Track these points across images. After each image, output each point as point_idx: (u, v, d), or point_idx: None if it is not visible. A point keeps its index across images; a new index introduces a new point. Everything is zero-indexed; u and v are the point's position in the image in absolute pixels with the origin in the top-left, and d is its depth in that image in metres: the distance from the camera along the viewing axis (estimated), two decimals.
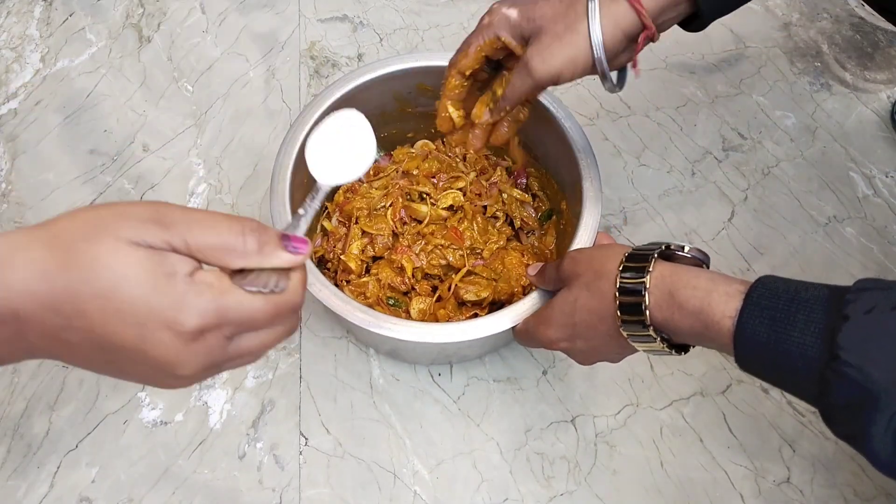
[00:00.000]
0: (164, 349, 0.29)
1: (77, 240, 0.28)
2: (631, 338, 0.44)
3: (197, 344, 0.29)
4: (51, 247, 0.28)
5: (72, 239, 0.28)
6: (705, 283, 0.40)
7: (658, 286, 0.42)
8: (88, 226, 0.29)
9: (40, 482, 0.58)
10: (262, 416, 0.61)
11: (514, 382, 0.63)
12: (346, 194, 0.67)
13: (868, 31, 0.82)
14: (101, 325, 0.28)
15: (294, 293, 0.32)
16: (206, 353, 0.30)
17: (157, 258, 0.29)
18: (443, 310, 0.60)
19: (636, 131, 0.78)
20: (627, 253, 0.45)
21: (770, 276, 0.39)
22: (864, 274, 0.68)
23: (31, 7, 0.87)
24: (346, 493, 0.58)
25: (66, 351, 0.30)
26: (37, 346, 0.30)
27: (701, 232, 0.71)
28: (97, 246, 0.28)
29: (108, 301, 0.28)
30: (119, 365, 0.30)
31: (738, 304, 0.38)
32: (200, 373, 0.31)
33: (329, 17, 0.87)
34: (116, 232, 0.28)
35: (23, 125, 0.78)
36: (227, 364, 0.32)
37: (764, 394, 0.62)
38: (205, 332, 0.29)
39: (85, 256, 0.28)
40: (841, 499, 0.58)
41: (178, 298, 0.28)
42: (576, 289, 0.47)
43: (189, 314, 0.28)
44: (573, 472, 0.59)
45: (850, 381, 0.33)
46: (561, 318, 0.48)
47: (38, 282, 0.28)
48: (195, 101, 0.80)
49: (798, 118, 0.79)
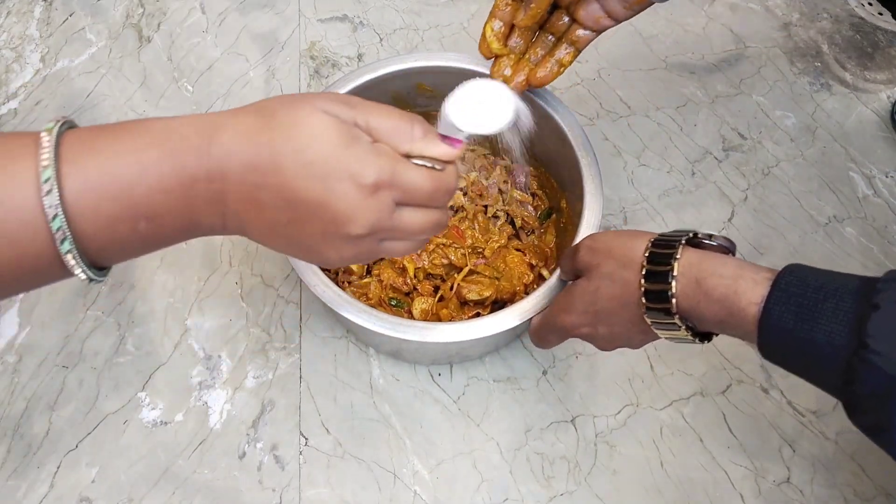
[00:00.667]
0: (344, 200, 0.33)
1: (279, 107, 0.33)
2: (654, 325, 0.43)
3: (372, 199, 0.33)
4: (257, 114, 0.34)
5: (275, 107, 0.34)
6: (732, 270, 0.40)
7: (685, 274, 0.41)
8: (289, 98, 0.34)
9: (40, 482, 0.58)
10: (262, 416, 0.61)
11: (514, 382, 0.63)
12: None
13: (868, 31, 0.82)
14: (292, 178, 0.32)
15: (450, 175, 0.37)
16: (377, 211, 0.34)
17: (346, 126, 0.33)
18: (445, 309, 0.60)
19: (636, 131, 0.78)
20: (653, 239, 0.44)
21: (798, 265, 0.39)
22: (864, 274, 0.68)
23: (31, 7, 0.87)
24: (346, 493, 0.58)
25: (255, 213, 0.34)
26: (231, 210, 0.34)
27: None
28: (297, 110, 0.33)
29: (302, 154, 0.32)
30: (299, 225, 0.34)
31: (764, 292, 0.38)
32: (368, 236, 0.34)
33: (329, 17, 0.87)
34: (313, 102, 0.33)
35: (23, 125, 0.78)
36: (390, 234, 0.36)
37: (764, 394, 0.62)
38: (380, 188, 0.33)
39: (286, 118, 0.33)
40: (841, 499, 0.58)
41: (362, 156, 0.33)
42: (596, 278, 0.46)
43: (370, 168, 0.33)
44: (573, 472, 0.59)
45: (877, 370, 0.33)
46: (581, 305, 0.47)
47: (243, 142, 0.32)
48: (195, 101, 0.80)
49: (798, 118, 0.79)
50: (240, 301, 0.66)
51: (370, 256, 0.37)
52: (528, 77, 0.56)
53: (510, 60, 0.56)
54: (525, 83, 0.56)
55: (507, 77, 0.56)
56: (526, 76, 0.56)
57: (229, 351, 0.64)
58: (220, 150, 0.32)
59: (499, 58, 0.56)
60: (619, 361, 0.64)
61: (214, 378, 0.63)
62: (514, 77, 0.56)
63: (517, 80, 0.56)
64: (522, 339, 0.65)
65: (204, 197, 0.33)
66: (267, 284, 0.67)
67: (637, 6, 0.51)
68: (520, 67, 0.56)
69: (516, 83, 0.56)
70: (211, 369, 0.63)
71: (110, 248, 0.33)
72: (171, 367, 0.63)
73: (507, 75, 0.56)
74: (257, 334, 0.65)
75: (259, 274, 0.68)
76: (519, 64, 0.56)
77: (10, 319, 0.65)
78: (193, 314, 0.66)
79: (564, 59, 0.54)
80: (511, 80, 0.56)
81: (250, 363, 0.63)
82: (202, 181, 0.32)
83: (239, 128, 0.33)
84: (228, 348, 0.64)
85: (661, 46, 0.84)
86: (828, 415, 0.62)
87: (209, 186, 0.33)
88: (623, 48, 0.84)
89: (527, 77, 0.56)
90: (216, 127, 0.33)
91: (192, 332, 0.65)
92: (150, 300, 0.66)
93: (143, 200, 0.32)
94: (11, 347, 0.64)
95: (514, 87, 0.55)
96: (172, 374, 0.63)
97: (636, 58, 0.83)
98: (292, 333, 0.65)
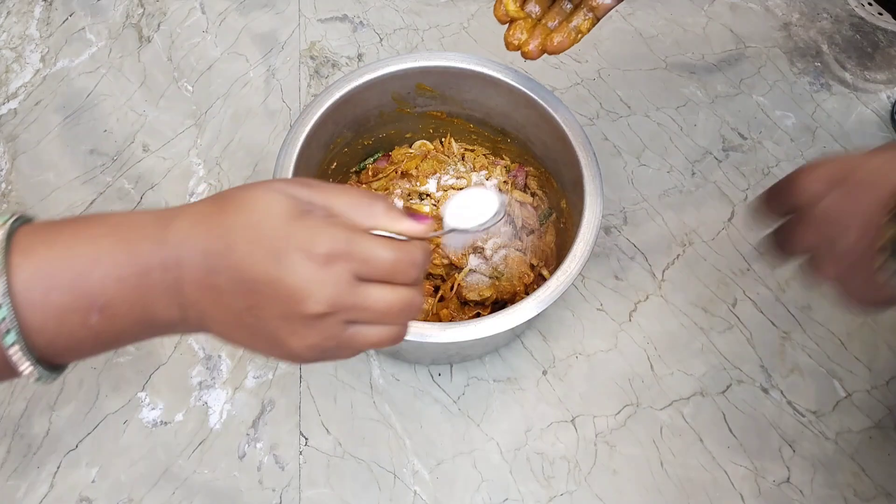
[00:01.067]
0: (296, 274, 0.31)
1: (236, 191, 0.33)
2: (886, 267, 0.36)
3: (326, 270, 0.31)
4: (213, 200, 0.33)
5: (232, 192, 0.33)
6: None
7: None
8: (247, 184, 0.34)
9: (40, 482, 0.58)
10: (262, 416, 0.61)
11: (514, 382, 0.63)
12: None
13: (868, 31, 0.82)
14: (244, 257, 0.31)
15: (416, 246, 0.35)
16: (333, 284, 0.32)
17: (299, 202, 0.32)
18: (445, 309, 0.60)
19: (636, 131, 0.78)
20: None
21: None
22: None
23: (31, 7, 0.87)
24: (346, 493, 0.58)
25: (212, 300, 0.32)
26: (189, 301, 0.33)
27: (701, 232, 0.71)
28: (251, 191, 0.33)
29: (252, 230, 0.31)
30: (257, 311, 0.32)
31: None
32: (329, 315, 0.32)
33: (329, 17, 0.87)
34: (270, 184, 0.33)
35: (23, 125, 0.78)
36: (354, 313, 0.33)
37: (764, 394, 0.62)
38: (334, 259, 0.31)
39: (239, 200, 0.33)
40: (841, 499, 0.58)
41: (313, 226, 0.32)
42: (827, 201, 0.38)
43: (322, 237, 0.31)
44: (573, 472, 0.59)
45: None
46: None
47: (198, 226, 0.32)
48: (195, 101, 0.80)
49: (798, 118, 0.79)
50: None
51: (339, 345, 0.34)
52: (543, 43, 0.53)
53: (526, 24, 0.53)
54: (540, 49, 0.53)
55: (521, 41, 0.53)
56: (541, 42, 0.53)
57: (229, 351, 0.64)
58: (176, 237, 0.32)
59: (514, 22, 0.53)
60: (619, 361, 0.64)
61: (214, 378, 0.63)
62: (529, 42, 0.53)
63: (532, 45, 0.53)
64: (522, 339, 0.65)
65: (160, 286, 0.32)
66: None
67: None
68: (535, 33, 0.53)
69: (531, 49, 0.53)
70: (211, 369, 0.63)
71: (60, 343, 0.31)
72: (171, 367, 0.63)
73: (522, 39, 0.53)
74: None
75: None
76: (535, 29, 0.53)
77: None
78: None
79: (582, 27, 0.52)
80: (526, 44, 0.53)
81: (250, 363, 0.63)
82: (157, 269, 0.32)
83: (195, 214, 0.33)
84: (228, 348, 0.64)
85: (661, 46, 0.84)
86: (828, 415, 0.62)
87: (165, 275, 0.32)
88: (623, 48, 0.84)
89: (542, 43, 0.53)
90: (173, 216, 0.33)
91: None
92: None
93: (96, 289, 0.31)
94: None
95: (528, 53, 0.53)
96: (172, 374, 0.63)
97: (636, 58, 0.83)
98: None
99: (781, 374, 0.63)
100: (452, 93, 0.65)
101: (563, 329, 0.65)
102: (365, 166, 0.70)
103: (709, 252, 0.70)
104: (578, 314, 0.66)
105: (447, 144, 0.70)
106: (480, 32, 0.85)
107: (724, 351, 0.64)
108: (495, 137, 0.69)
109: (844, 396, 0.63)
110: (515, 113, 0.64)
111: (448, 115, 0.68)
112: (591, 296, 0.67)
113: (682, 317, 0.66)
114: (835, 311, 0.67)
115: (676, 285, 0.68)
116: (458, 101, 0.66)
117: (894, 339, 0.65)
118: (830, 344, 0.65)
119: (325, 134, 0.61)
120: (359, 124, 0.65)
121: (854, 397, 0.62)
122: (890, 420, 0.61)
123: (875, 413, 0.62)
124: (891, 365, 0.64)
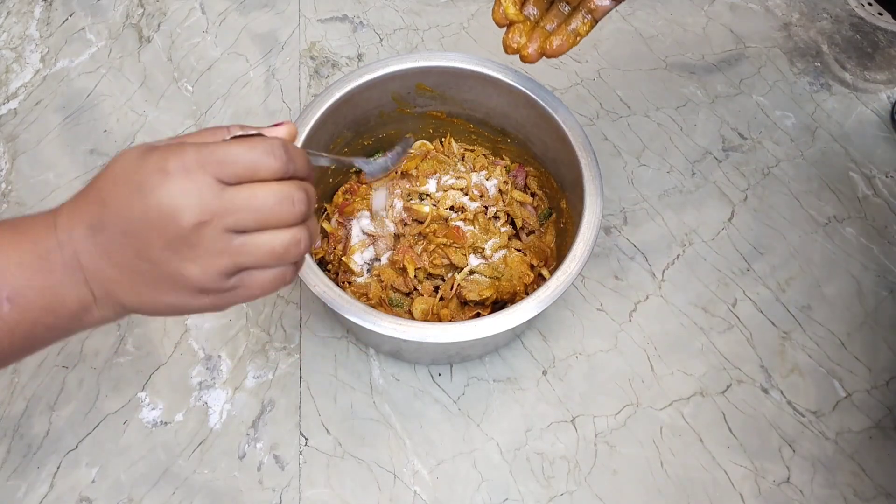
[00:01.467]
0: (158, 195, 0.31)
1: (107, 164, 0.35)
2: None
3: (186, 180, 0.31)
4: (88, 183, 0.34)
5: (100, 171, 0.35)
6: None
7: None
8: None
9: (40, 482, 0.58)
10: (262, 416, 0.61)
11: (514, 382, 0.63)
12: (344, 196, 0.67)
13: (868, 31, 0.82)
14: (114, 205, 0.32)
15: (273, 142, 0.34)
16: (197, 190, 0.32)
17: (151, 145, 0.33)
18: (445, 309, 0.60)
19: (636, 131, 0.78)
20: None
21: None
22: (864, 274, 0.69)
23: (31, 7, 0.87)
24: (346, 493, 0.58)
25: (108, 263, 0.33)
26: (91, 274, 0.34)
27: (701, 232, 0.71)
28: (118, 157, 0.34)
29: (114, 181, 0.33)
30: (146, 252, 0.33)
31: None
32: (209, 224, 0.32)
33: (329, 17, 0.87)
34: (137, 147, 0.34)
35: (23, 125, 0.78)
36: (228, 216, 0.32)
37: (764, 394, 0.62)
38: (190, 169, 0.32)
39: (103, 169, 0.34)
40: (841, 499, 0.58)
41: (164, 151, 0.32)
42: None
43: (173, 156, 0.32)
44: (573, 472, 0.59)
45: None
46: None
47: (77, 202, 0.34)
48: (195, 101, 0.80)
49: (798, 118, 0.79)
50: None
51: (234, 256, 0.33)
52: (542, 46, 0.53)
53: (524, 28, 0.53)
54: (539, 52, 0.53)
55: (520, 45, 0.53)
56: (540, 45, 0.53)
57: (229, 351, 0.64)
58: (63, 218, 0.34)
59: (512, 25, 0.53)
60: (619, 361, 0.64)
61: (214, 378, 0.63)
62: (528, 45, 0.53)
63: (531, 48, 0.53)
64: (522, 339, 0.65)
65: (61, 267, 0.33)
66: None
67: None
68: (534, 36, 0.53)
69: (531, 52, 0.53)
70: (211, 369, 0.63)
71: None
72: (171, 367, 0.63)
73: (521, 43, 0.53)
74: (257, 334, 0.65)
75: None
76: (533, 32, 0.53)
77: None
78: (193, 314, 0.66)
79: (581, 29, 0.52)
80: (525, 48, 0.53)
81: (250, 363, 0.63)
82: (54, 250, 0.33)
83: (75, 198, 0.35)
84: (228, 348, 0.64)
85: (661, 46, 0.84)
86: (828, 415, 0.62)
87: (63, 254, 0.33)
88: (623, 48, 0.84)
89: (541, 46, 0.53)
90: (60, 206, 0.35)
91: (192, 332, 0.65)
92: None
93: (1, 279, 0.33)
94: None
95: (527, 57, 0.53)
96: (172, 374, 0.63)
97: (636, 58, 0.83)
98: (292, 333, 0.65)
99: (781, 374, 0.63)
100: (452, 93, 0.65)
101: (563, 329, 0.65)
102: None
103: (709, 252, 0.70)
104: (578, 314, 0.66)
105: (447, 144, 0.70)
106: (480, 32, 0.85)
107: (724, 351, 0.64)
108: (495, 137, 0.69)
109: (844, 396, 0.63)
110: (515, 113, 0.64)
111: (448, 115, 0.68)
112: (591, 296, 0.67)
113: (682, 317, 0.66)
114: (835, 311, 0.67)
115: (676, 285, 0.68)
116: (458, 101, 0.66)
117: (894, 339, 0.65)
118: (830, 344, 0.65)
119: (325, 134, 0.61)
120: (359, 124, 0.65)
121: (854, 397, 0.63)
122: (890, 420, 0.61)
123: (875, 413, 0.62)
124: (891, 365, 0.64)
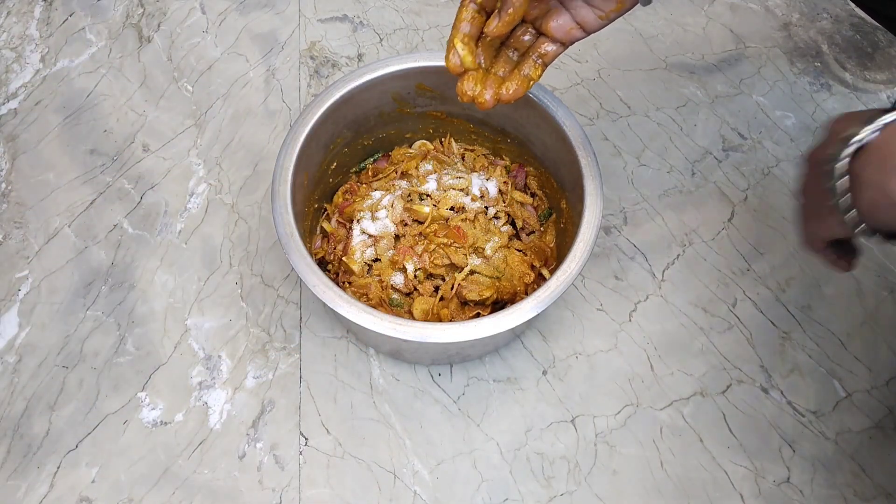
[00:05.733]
0: None
1: None
2: None
3: None
4: None
5: None
6: None
7: None
8: None
9: (40, 482, 0.58)
10: (262, 416, 0.61)
11: (514, 382, 0.63)
12: (345, 196, 0.67)
13: (868, 31, 0.82)
14: None
15: None
16: None
17: None
18: (445, 309, 0.60)
19: (636, 131, 0.78)
20: None
21: None
22: (864, 274, 0.69)
23: (31, 7, 0.87)
24: (346, 493, 0.58)
25: None
26: None
27: (701, 232, 0.71)
28: None
29: None
30: None
31: None
32: None
33: (329, 17, 0.87)
34: None
35: (23, 125, 0.78)
36: None
37: (764, 394, 0.62)
38: None
39: None
40: (841, 499, 0.58)
41: None
42: None
43: None
44: (573, 472, 0.59)
45: None
46: None
47: None
48: (195, 101, 0.80)
49: (798, 118, 0.79)
50: (240, 301, 0.66)
51: None
52: (496, 92, 0.52)
53: (477, 75, 0.52)
54: (495, 99, 0.52)
55: (475, 92, 0.52)
56: (495, 91, 0.52)
57: (229, 351, 0.64)
58: None
59: (466, 73, 0.52)
60: (619, 361, 0.64)
61: (214, 378, 0.63)
62: (484, 93, 0.52)
63: (487, 95, 0.52)
64: (522, 339, 0.65)
65: None
66: (267, 284, 0.67)
67: (614, 14, 0.49)
68: (488, 83, 0.52)
69: (487, 99, 0.52)
70: (211, 369, 0.63)
71: None
72: (171, 367, 0.63)
73: (477, 91, 0.52)
74: (257, 334, 0.65)
75: (259, 274, 0.68)
76: (486, 79, 0.52)
77: (10, 319, 0.65)
78: (193, 314, 0.66)
79: (533, 74, 0.52)
80: (481, 95, 0.52)
81: (250, 363, 0.63)
82: None
83: None
84: (228, 348, 0.64)
85: (661, 46, 0.84)
86: (828, 415, 0.62)
87: None
88: (623, 48, 0.84)
89: (496, 92, 0.52)
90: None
91: (192, 332, 0.65)
92: (149, 300, 0.66)
93: None
94: (11, 347, 0.64)
95: (483, 104, 0.52)
96: (172, 374, 0.63)
97: (636, 58, 0.83)
98: (292, 333, 0.65)
99: (781, 374, 0.63)
100: (452, 93, 0.64)
101: (563, 329, 0.65)
102: (365, 166, 0.70)
103: (709, 252, 0.70)
104: (578, 314, 0.66)
105: (447, 144, 0.70)
106: None
107: (724, 351, 0.64)
108: (495, 137, 0.69)
109: (844, 396, 0.63)
110: (515, 113, 0.64)
111: (448, 115, 0.68)
112: (591, 296, 0.67)
113: (682, 317, 0.66)
114: (835, 311, 0.67)
115: (676, 285, 0.68)
116: (458, 101, 0.65)
117: (894, 338, 0.65)
118: (830, 344, 0.65)
119: (325, 134, 0.61)
120: (359, 124, 0.65)
121: (854, 397, 0.63)
122: (890, 420, 0.61)
123: (875, 413, 0.62)
124: (891, 365, 0.64)
